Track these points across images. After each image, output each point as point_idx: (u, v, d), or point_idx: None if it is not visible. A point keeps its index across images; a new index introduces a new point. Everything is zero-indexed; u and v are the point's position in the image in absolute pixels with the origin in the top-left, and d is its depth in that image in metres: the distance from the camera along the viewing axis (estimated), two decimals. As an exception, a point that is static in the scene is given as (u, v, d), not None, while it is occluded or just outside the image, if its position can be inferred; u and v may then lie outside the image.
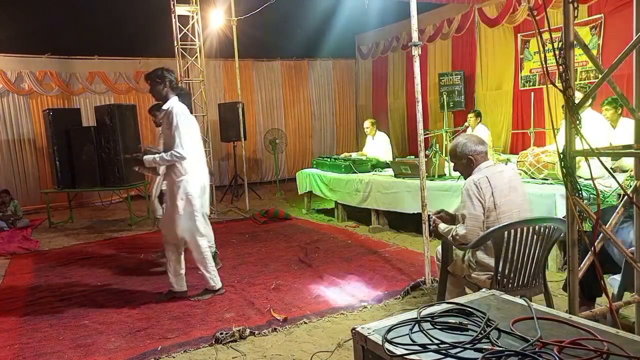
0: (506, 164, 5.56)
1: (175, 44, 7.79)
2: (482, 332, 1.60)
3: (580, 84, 6.80)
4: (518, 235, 2.76)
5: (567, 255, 2.13)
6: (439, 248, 3.31)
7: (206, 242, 4.22)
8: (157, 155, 3.95)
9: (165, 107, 4.01)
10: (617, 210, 2.17)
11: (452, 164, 3.18)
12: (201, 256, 4.12)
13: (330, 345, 3.19)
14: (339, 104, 12.79)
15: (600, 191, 3.88)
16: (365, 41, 12.14)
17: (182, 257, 4.20)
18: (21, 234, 7.26)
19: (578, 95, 2.16)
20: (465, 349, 1.52)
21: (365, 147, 8.10)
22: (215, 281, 4.21)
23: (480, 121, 7.57)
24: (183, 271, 4.23)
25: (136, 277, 4.90)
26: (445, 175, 5.76)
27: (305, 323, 3.56)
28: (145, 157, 3.98)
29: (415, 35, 3.96)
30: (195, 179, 4.07)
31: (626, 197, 2.18)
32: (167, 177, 4.14)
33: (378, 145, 7.86)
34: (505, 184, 2.92)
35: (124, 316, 3.87)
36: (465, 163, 3.01)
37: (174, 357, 3.17)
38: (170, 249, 4.15)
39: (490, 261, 2.91)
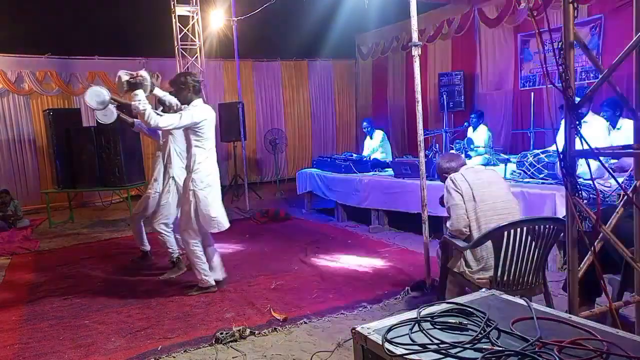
0: (506, 164, 5.56)
1: (175, 44, 7.80)
2: (482, 332, 1.61)
3: (581, 84, 6.80)
4: (518, 235, 2.77)
5: (567, 255, 2.13)
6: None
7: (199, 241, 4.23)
8: (144, 105, 3.79)
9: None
10: (617, 210, 2.17)
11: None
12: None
13: (330, 345, 3.19)
14: (339, 104, 12.79)
15: (600, 191, 3.88)
16: (365, 41, 12.13)
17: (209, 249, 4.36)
18: (21, 234, 7.25)
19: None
20: (465, 349, 1.52)
21: (365, 150, 8.11)
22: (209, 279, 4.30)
23: (482, 122, 7.57)
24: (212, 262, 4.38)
25: (136, 277, 4.90)
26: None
27: (305, 323, 3.56)
28: (139, 91, 3.84)
29: (415, 35, 3.96)
30: (204, 176, 4.08)
31: (626, 197, 2.18)
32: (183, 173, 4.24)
33: (376, 144, 7.90)
34: (483, 180, 3.14)
35: (124, 316, 3.87)
36: (443, 180, 3.38)
37: (174, 357, 3.17)
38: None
39: (472, 260, 3.01)
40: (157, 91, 4.32)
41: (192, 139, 4.04)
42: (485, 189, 3.08)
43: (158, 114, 3.86)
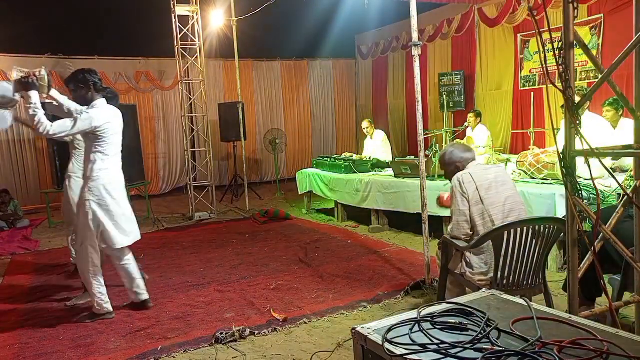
0: (506, 164, 5.56)
1: (175, 44, 7.79)
2: (482, 332, 1.61)
3: (581, 85, 6.79)
4: (518, 235, 2.77)
5: (567, 255, 2.13)
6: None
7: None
8: (34, 109, 3.35)
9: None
10: (617, 210, 2.17)
11: (442, 172, 3.37)
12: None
13: (330, 345, 3.19)
14: (339, 104, 12.79)
15: (600, 191, 3.88)
16: (365, 41, 12.14)
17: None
18: (21, 234, 7.25)
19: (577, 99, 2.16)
20: (465, 349, 1.52)
21: (365, 150, 8.10)
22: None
23: (480, 121, 7.58)
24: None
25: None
26: (445, 175, 5.76)
27: (305, 323, 3.56)
28: (32, 93, 3.39)
29: (415, 35, 3.96)
30: (101, 184, 3.65)
31: (626, 197, 2.18)
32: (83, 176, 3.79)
33: (376, 144, 7.88)
34: (491, 180, 3.03)
35: (124, 316, 3.87)
36: (454, 169, 3.18)
37: (174, 357, 3.17)
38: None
39: (479, 263, 2.97)
40: (55, 93, 3.78)
41: (93, 143, 3.63)
42: (492, 190, 2.99)
43: (43, 116, 3.41)
